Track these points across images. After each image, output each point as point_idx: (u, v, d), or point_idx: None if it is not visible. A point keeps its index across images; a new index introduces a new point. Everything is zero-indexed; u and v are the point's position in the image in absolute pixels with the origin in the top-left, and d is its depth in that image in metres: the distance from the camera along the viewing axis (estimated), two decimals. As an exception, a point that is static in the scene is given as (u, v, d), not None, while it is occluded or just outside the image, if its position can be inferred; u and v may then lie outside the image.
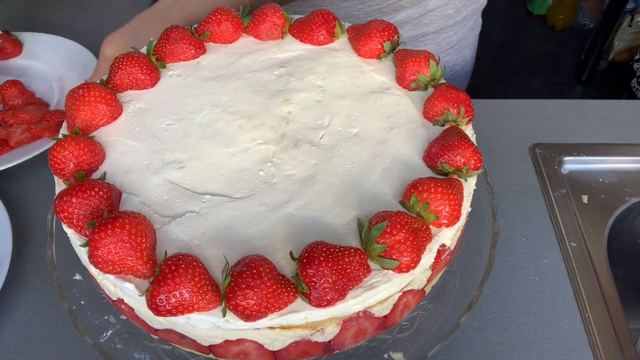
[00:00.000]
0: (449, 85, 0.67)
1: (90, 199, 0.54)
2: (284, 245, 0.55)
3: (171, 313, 0.49)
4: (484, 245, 0.70)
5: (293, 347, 0.56)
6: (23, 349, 0.72)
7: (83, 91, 0.64)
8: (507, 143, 0.97)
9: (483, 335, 0.74)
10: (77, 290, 0.67)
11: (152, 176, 0.61)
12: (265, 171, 0.62)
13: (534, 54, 2.82)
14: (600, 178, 0.93)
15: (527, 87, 2.64)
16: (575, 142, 0.96)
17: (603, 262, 0.81)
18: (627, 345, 0.73)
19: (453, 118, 0.65)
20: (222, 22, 0.75)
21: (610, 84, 2.64)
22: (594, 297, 0.77)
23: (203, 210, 0.58)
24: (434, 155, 0.60)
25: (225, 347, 0.56)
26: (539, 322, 0.75)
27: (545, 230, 0.85)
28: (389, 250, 0.52)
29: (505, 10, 3.01)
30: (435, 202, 0.55)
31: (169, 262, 0.49)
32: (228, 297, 0.49)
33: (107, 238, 0.49)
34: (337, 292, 0.50)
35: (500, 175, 0.92)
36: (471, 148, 0.59)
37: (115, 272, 0.51)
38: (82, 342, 0.70)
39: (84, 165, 0.60)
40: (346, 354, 0.63)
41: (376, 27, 0.73)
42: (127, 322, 0.65)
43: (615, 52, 2.61)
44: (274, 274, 0.50)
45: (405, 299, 0.58)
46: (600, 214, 0.88)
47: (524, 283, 0.79)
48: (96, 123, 0.65)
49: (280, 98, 0.69)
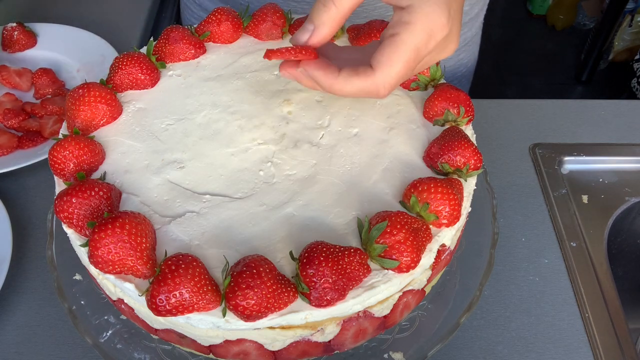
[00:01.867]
0: (449, 85, 0.67)
1: (90, 199, 0.54)
2: (284, 245, 0.55)
3: (171, 313, 0.49)
4: (484, 245, 0.70)
5: (293, 347, 0.56)
6: (23, 349, 0.72)
7: (83, 91, 0.64)
8: (507, 143, 0.97)
9: (483, 335, 0.74)
10: (77, 290, 0.67)
11: (152, 176, 0.61)
12: (265, 171, 0.62)
13: (534, 54, 2.82)
14: (600, 178, 0.93)
15: (527, 87, 2.64)
16: (575, 142, 0.96)
17: (603, 262, 0.81)
18: (627, 345, 0.73)
19: (453, 118, 0.65)
20: (222, 22, 0.75)
21: (610, 84, 2.64)
22: (594, 297, 0.77)
23: (203, 210, 0.58)
24: (434, 155, 0.60)
25: (225, 347, 0.56)
26: (539, 322, 0.75)
27: (545, 230, 0.85)
28: (389, 250, 0.52)
29: (505, 10, 3.01)
30: (435, 202, 0.55)
31: (169, 262, 0.49)
32: (228, 297, 0.49)
33: (107, 238, 0.49)
34: (337, 292, 0.50)
35: (500, 175, 0.92)
36: (471, 148, 0.60)
37: (115, 272, 0.51)
38: (82, 342, 0.70)
39: (84, 165, 0.60)
40: (346, 354, 0.63)
41: (376, 27, 0.73)
42: (127, 322, 0.65)
43: (615, 52, 2.61)
44: (274, 274, 0.50)
45: (405, 299, 0.58)
46: (600, 214, 0.88)
47: (524, 283, 0.79)
48: (96, 123, 0.65)
49: (280, 98, 0.69)
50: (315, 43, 0.54)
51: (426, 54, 0.53)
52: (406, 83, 0.70)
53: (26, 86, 1.04)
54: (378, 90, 0.53)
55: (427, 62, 0.55)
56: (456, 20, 0.54)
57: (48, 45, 1.12)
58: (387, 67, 0.52)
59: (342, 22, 0.54)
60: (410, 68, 0.53)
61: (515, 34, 2.94)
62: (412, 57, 0.52)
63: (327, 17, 0.53)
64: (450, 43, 0.55)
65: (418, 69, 0.55)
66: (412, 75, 0.56)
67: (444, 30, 0.52)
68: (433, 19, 0.51)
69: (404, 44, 0.51)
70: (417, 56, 0.52)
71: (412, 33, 0.51)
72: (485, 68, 2.26)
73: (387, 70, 0.52)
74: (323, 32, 0.54)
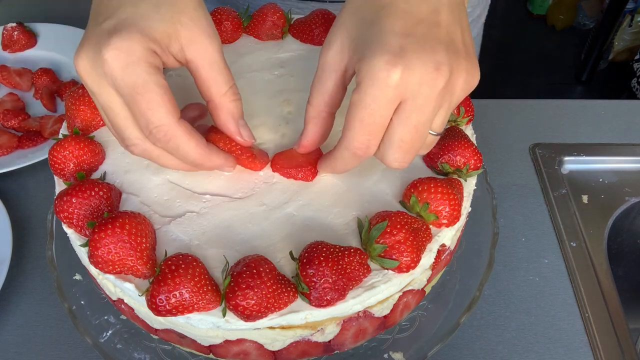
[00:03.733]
0: (449, 85, 0.67)
1: (90, 199, 0.54)
2: (284, 245, 0.55)
3: (171, 313, 0.49)
4: (484, 245, 0.70)
5: (293, 347, 0.56)
6: (23, 349, 0.72)
7: (83, 91, 0.64)
8: (507, 143, 0.97)
9: (483, 335, 0.74)
10: (77, 290, 0.67)
11: (152, 176, 0.61)
12: (265, 171, 0.62)
13: (534, 54, 2.82)
14: (600, 178, 0.93)
15: (527, 87, 2.64)
16: (575, 142, 0.96)
17: (603, 262, 0.81)
18: (627, 345, 0.73)
19: (453, 118, 0.65)
20: (222, 22, 0.75)
21: (610, 84, 2.64)
22: (594, 297, 0.77)
23: (203, 210, 0.58)
24: (434, 155, 0.60)
25: (225, 347, 0.56)
26: (539, 322, 0.75)
27: (545, 230, 0.85)
28: (389, 250, 0.52)
29: (505, 10, 3.01)
30: (435, 202, 0.55)
31: (169, 262, 0.49)
32: (228, 297, 0.49)
33: (107, 238, 0.49)
34: (337, 292, 0.50)
35: (500, 175, 0.92)
36: (471, 148, 0.60)
37: (115, 272, 0.51)
38: (82, 342, 0.70)
39: (84, 165, 0.60)
40: (346, 354, 0.63)
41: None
42: (127, 322, 0.65)
43: (615, 52, 2.61)
44: (274, 274, 0.50)
45: (405, 299, 0.58)
46: (600, 214, 0.88)
47: (524, 283, 0.79)
48: (96, 123, 0.65)
49: (280, 98, 0.69)
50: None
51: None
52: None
53: (26, 86, 1.04)
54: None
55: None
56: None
57: (48, 45, 1.13)
58: None
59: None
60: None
61: (515, 34, 2.94)
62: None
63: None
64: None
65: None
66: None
67: None
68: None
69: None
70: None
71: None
72: (485, 68, 2.25)
73: None
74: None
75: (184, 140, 0.51)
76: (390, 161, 0.50)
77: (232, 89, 0.54)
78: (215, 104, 0.54)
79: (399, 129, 0.48)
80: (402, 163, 0.50)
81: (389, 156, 0.50)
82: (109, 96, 0.50)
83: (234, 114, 0.55)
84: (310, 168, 0.60)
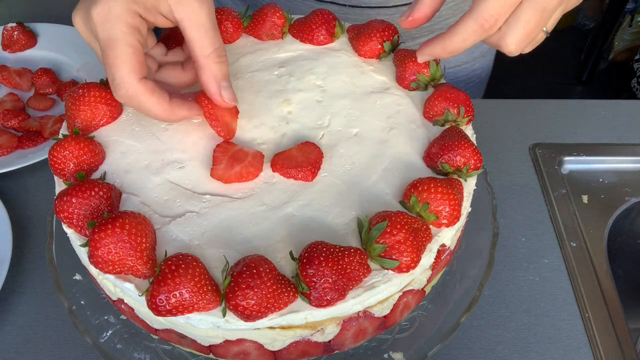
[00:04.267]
0: (449, 85, 0.67)
1: (90, 199, 0.54)
2: (284, 245, 0.55)
3: (171, 313, 0.49)
4: (484, 245, 0.70)
5: (293, 347, 0.56)
6: (23, 349, 0.72)
7: (83, 91, 0.64)
8: (507, 143, 0.97)
9: (483, 335, 0.74)
10: (77, 290, 0.67)
11: (152, 176, 0.61)
12: (265, 171, 0.62)
13: (534, 54, 2.80)
14: (600, 178, 0.93)
15: (527, 87, 2.64)
16: (575, 142, 0.96)
17: (603, 262, 0.81)
18: (627, 345, 0.73)
19: (453, 118, 0.65)
20: (222, 22, 0.75)
21: (610, 84, 2.64)
22: (594, 297, 0.77)
23: (203, 210, 0.58)
24: (434, 155, 0.61)
25: (225, 347, 0.56)
26: (539, 322, 0.75)
27: (545, 230, 0.85)
28: (389, 250, 0.52)
29: (505, 10, 3.01)
30: (435, 202, 0.55)
31: (169, 262, 0.49)
32: (228, 297, 0.49)
33: (107, 238, 0.49)
34: (337, 292, 0.50)
35: (500, 175, 0.92)
36: (471, 148, 0.60)
37: (115, 272, 0.51)
38: (82, 342, 0.70)
39: (84, 165, 0.60)
40: (346, 354, 0.63)
41: (376, 27, 0.73)
42: (127, 322, 0.65)
43: (615, 52, 2.61)
44: (274, 274, 0.50)
45: (405, 299, 0.58)
46: (600, 214, 0.88)
47: (524, 283, 0.79)
48: (96, 123, 0.65)
49: (280, 98, 0.69)
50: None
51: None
52: (406, 83, 0.70)
53: (26, 86, 1.04)
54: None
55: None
56: None
57: (48, 45, 1.12)
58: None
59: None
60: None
61: (515, 34, 2.93)
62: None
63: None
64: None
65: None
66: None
67: None
68: None
69: None
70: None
71: None
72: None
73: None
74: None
75: (145, 97, 0.56)
76: (509, 42, 0.54)
77: (216, 51, 0.57)
78: (199, 64, 0.58)
79: (528, 10, 0.52)
80: (518, 46, 0.54)
81: (510, 37, 0.53)
82: (96, 46, 0.57)
83: (217, 76, 0.58)
84: (310, 168, 0.60)
